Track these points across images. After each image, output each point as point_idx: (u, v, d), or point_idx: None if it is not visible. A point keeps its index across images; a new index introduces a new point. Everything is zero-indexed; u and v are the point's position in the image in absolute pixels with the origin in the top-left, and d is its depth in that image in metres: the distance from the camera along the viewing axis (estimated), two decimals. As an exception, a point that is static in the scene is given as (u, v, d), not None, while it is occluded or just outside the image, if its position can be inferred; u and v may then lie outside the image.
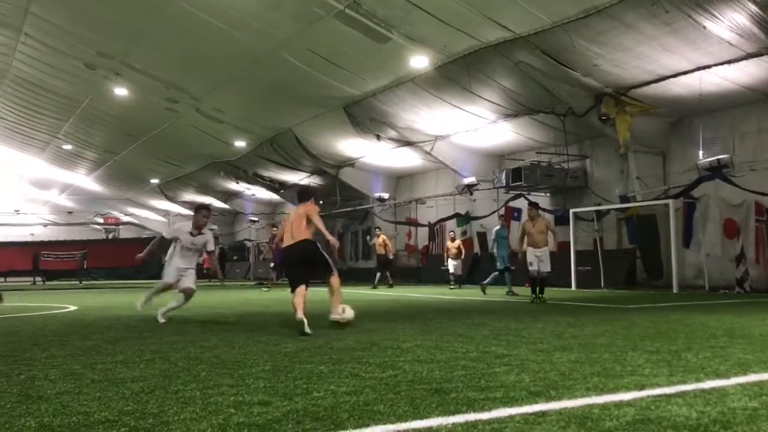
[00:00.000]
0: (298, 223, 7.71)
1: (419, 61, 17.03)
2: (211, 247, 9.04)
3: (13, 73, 25.31)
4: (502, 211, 21.74)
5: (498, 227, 16.31)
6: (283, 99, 21.74)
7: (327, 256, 7.79)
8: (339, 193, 29.40)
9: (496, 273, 15.66)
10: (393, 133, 22.60)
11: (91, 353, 5.67)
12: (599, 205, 19.17)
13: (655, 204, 17.64)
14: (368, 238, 28.07)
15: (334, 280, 7.74)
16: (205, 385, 4.06)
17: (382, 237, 21.98)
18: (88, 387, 4.06)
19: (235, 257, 44.17)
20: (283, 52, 17.85)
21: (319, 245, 7.80)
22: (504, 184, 20.57)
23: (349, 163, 27.30)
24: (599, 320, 8.25)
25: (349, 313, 7.56)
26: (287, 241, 7.76)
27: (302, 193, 8.26)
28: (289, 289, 7.65)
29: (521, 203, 21.69)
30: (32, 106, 28.78)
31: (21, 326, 8.61)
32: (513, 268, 15.59)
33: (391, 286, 20.67)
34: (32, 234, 47.08)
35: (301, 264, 7.71)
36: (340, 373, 4.44)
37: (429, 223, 26.89)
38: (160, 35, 18.81)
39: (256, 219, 39.55)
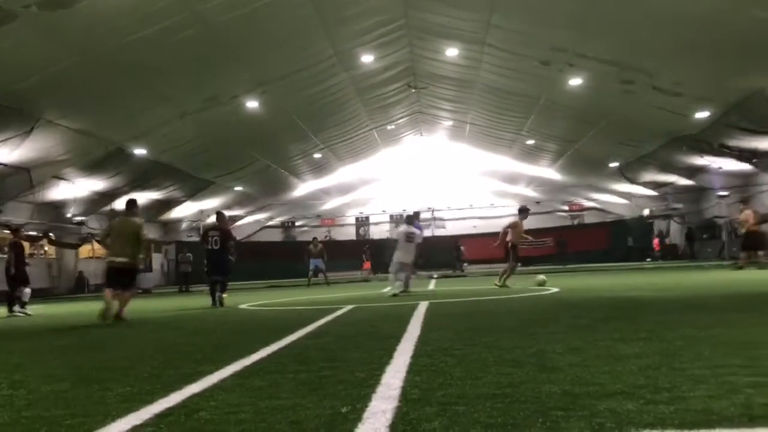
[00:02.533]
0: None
1: None
2: None
3: (481, 83, 28.37)
4: None
5: None
6: (749, 58, 19.48)
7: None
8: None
9: None
10: None
11: (586, 330, 6.04)
12: None
13: None
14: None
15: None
16: (713, 364, 3.97)
17: (746, 212, 17.98)
18: (594, 360, 4.34)
19: (704, 236, 41.37)
20: (748, 6, 16.06)
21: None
22: None
23: None
24: None
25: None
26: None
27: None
28: None
29: None
30: (498, 109, 31.79)
31: (516, 305, 9.63)
32: None
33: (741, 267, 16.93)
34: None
35: None
36: None
37: None
38: (608, 19, 18.79)
39: (725, 193, 36.32)
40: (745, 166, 32.01)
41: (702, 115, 25.74)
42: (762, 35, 17.51)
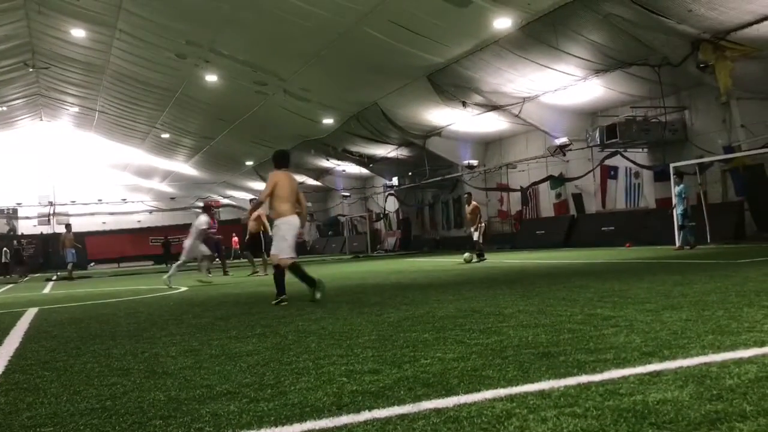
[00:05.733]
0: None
1: (502, 23, 16.66)
2: None
3: (112, 69, 26.61)
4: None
5: (681, 186, 16.49)
6: (366, 73, 21.83)
7: None
8: (427, 163, 29.37)
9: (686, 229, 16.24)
10: (479, 98, 22.28)
11: (205, 330, 5.97)
12: (701, 157, 18.23)
13: (764, 152, 16.58)
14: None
15: None
16: (317, 356, 4.20)
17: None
18: (207, 362, 4.28)
19: (330, 232, 45.14)
20: (364, 25, 17.88)
21: None
22: (598, 143, 19.93)
23: (436, 132, 27.16)
24: (708, 277, 7.91)
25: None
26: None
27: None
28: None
29: (618, 161, 21.02)
30: (131, 99, 30.21)
31: (139, 307, 9.16)
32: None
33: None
34: (139, 221, 49.66)
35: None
36: (445, 340, 4.48)
37: (521, 187, 26.47)
38: (244, 20, 19.23)
39: (347, 194, 40.15)
40: (363, 170, 35.84)
41: (328, 121, 28.00)
42: (373, 52, 19.69)
